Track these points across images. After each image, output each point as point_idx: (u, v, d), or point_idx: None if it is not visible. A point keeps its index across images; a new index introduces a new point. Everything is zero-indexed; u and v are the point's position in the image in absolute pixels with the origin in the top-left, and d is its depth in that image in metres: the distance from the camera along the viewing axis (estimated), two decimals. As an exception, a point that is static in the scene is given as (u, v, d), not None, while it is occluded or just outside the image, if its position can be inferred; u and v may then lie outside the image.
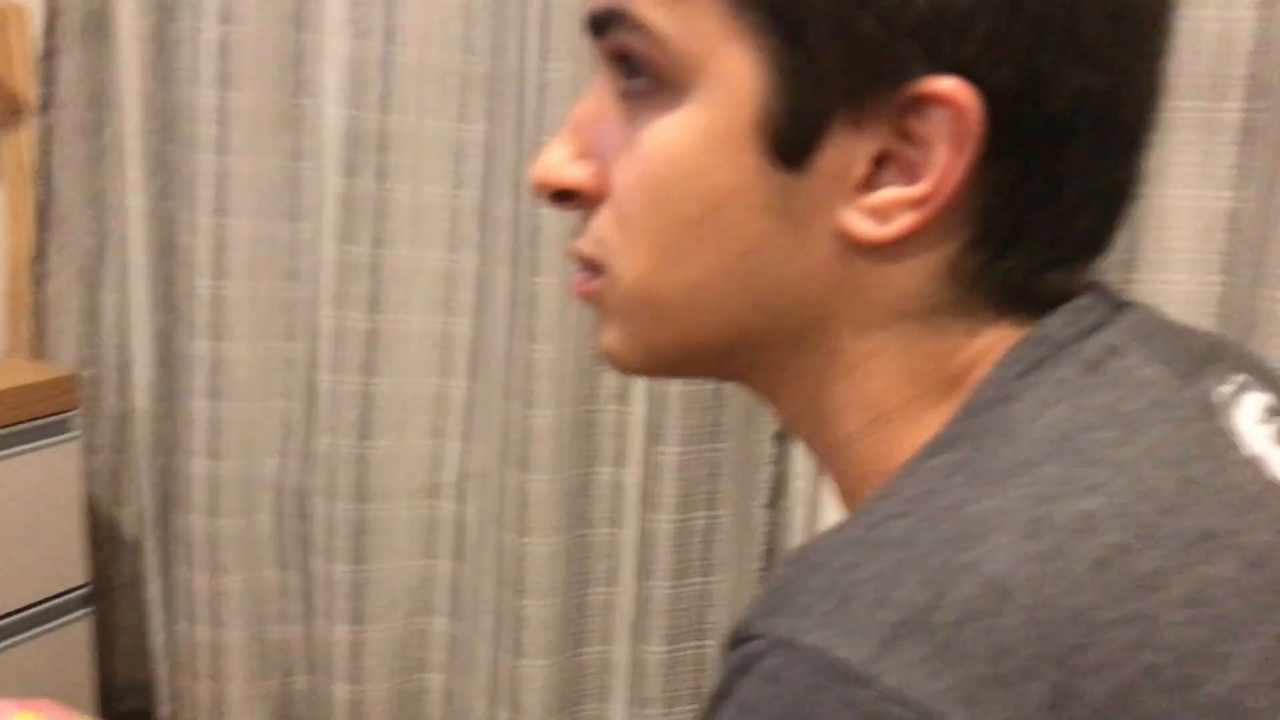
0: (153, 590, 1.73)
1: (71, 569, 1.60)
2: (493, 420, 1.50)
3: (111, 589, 1.77)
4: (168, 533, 1.70)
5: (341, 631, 1.57)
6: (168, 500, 1.70)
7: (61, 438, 1.55)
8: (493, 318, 1.48)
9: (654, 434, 1.46)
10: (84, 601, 1.62)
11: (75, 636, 1.63)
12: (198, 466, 1.63)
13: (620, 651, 1.53)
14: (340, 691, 1.59)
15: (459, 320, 1.53)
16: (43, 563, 1.57)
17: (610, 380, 1.47)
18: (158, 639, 1.75)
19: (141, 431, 1.70)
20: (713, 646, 1.52)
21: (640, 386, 1.46)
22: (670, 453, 1.46)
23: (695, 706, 1.53)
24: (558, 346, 1.43)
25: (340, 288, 1.50)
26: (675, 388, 1.44)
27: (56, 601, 1.59)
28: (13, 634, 1.54)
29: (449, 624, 1.61)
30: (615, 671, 1.55)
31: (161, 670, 1.76)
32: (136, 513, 1.75)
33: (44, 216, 1.69)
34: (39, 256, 1.69)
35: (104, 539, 1.77)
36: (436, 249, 1.51)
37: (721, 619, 1.52)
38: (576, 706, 1.56)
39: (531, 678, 1.52)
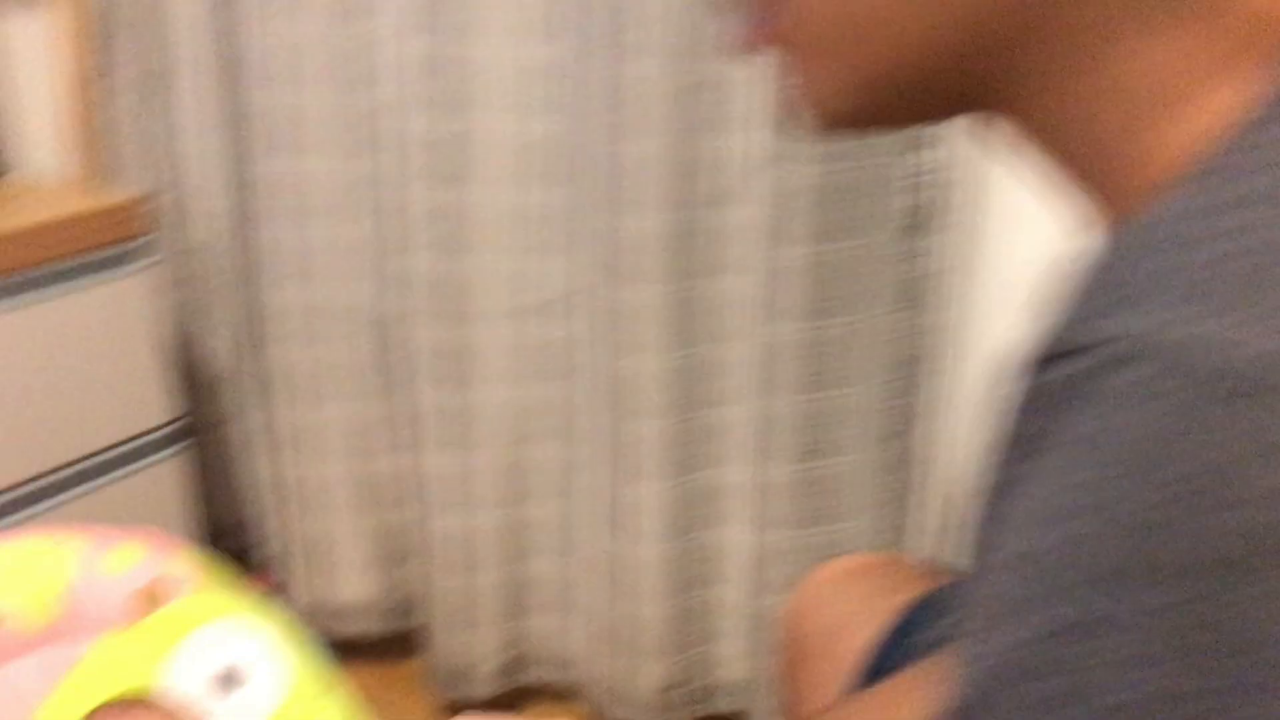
0: (247, 427, 1.66)
1: (158, 405, 1.53)
2: (593, 231, 1.36)
3: (205, 428, 1.71)
4: (260, 366, 1.62)
5: (445, 462, 1.48)
6: (257, 332, 1.61)
7: (135, 266, 1.46)
8: (586, 117, 1.33)
9: (775, 236, 1.31)
10: (173, 439, 1.56)
11: (167, 476, 1.57)
12: (285, 294, 1.53)
13: (742, 473, 1.42)
14: (446, 524, 1.51)
15: (551, 120, 1.38)
16: (128, 399, 1.49)
17: (720, 180, 1.32)
18: (255, 477, 1.69)
19: (222, 261, 1.60)
20: (847, 462, 1.40)
21: (756, 185, 1.30)
22: (795, 255, 1.31)
23: (826, 527, 1.42)
24: (658, 143, 1.28)
25: (423, 88, 1.36)
26: (799, 182, 1.28)
27: (145, 440, 1.52)
28: (102, 474, 1.48)
29: (556, 450, 1.51)
30: (736, 494, 1.44)
31: (260, 508, 1.70)
32: (225, 347, 1.66)
33: (105, 33, 1.57)
34: (100, 75, 1.58)
35: (193, 376, 1.69)
36: (525, 41, 1.36)
37: (855, 435, 1.39)
38: (694, 531, 1.46)
39: (646, 502, 1.42)
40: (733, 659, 1.52)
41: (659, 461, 1.40)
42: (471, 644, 1.57)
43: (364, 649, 1.68)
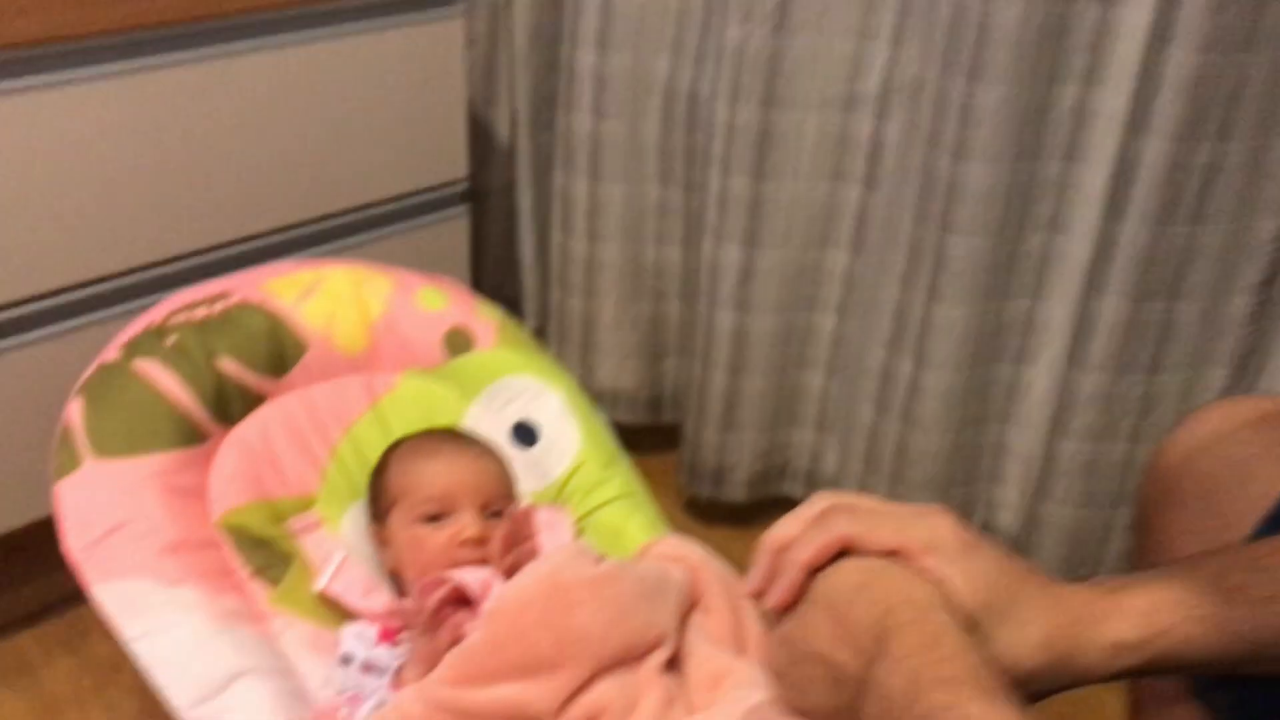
0: (526, 198, 1.62)
1: (447, 162, 1.50)
2: (931, 20, 1.23)
3: (483, 194, 1.68)
4: (546, 136, 1.57)
5: (729, 255, 1.41)
6: (546, 99, 1.55)
7: (440, 12, 1.40)
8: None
9: (1155, 36, 1.15)
10: (457, 199, 1.53)
11: (446, 237, 1.55)
12: (583, 59, 1.45)
13: (1062, 306, 1.30)
14: (722, 320, 1.45)
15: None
16: (419, 151, 1.46)
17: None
18: (527, 250, 1.66)
19: (521, 19, 1.53)
20: (1189, 309, 1.26)
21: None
22: (1177, 61, 1.14)
23: (1149, 376, 1.29)
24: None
25: None
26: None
27: (429, 196, 1.50)
28: (390, 223, 1.46)
29: (850, 258, 1.42)
30: (1049, 329, 1.32)
31: (529, 282, 1.68)
32: (511, 114, 1.62)
33: None
34: None
35: (477, 141, 1.66)
36: None
37: (1205, 278, 1.24)
38: (993, 364, 1.36)
39: (945, 327, 1.32)
40: (1009, 505, 1.43)
41: (966, 284, 1.29)
42: (728, 447, 1.52)
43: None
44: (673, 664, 0.94)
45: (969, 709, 0.54)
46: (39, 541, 1.36)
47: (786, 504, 1.63)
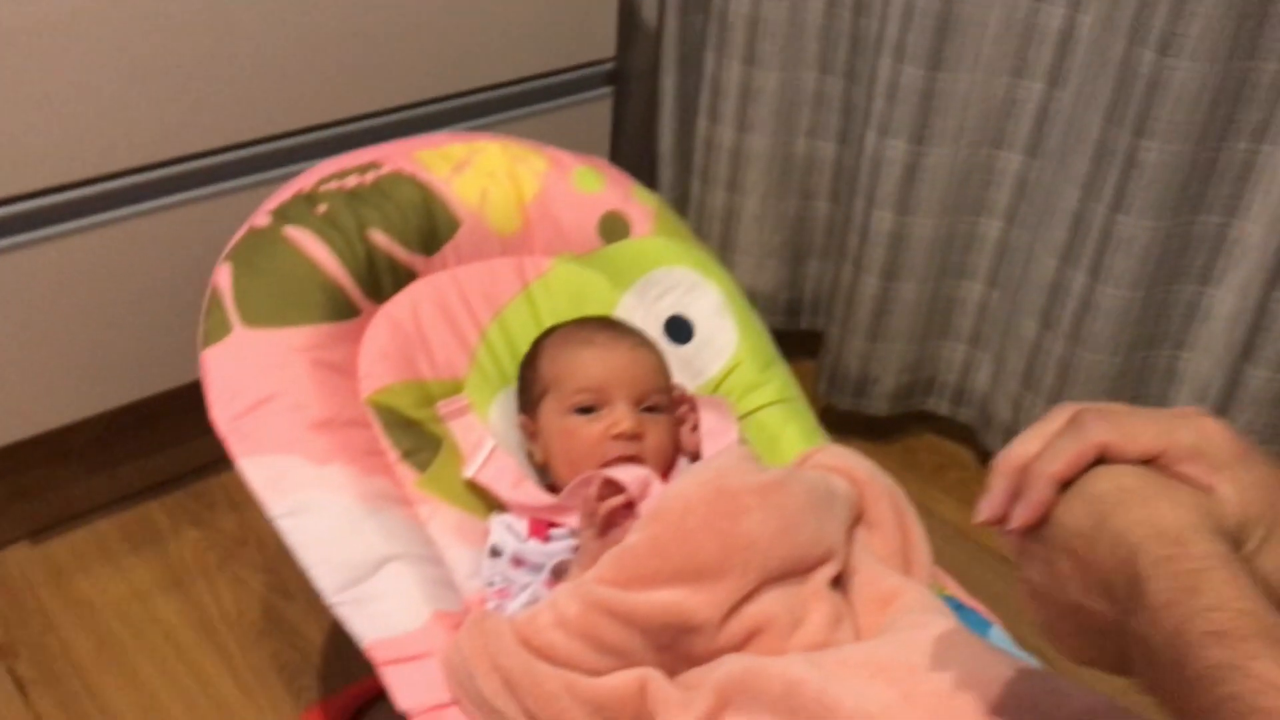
0: (669, 83, 1.53)
1: (596, 40, 1.42)
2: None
3: (625, 78, 1.59)
4: (698, 17, 1.48)
5: (894, 150, 1.31)
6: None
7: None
8: None
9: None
10: (604, 80, 1.45)
11: (593, 119, 1.47)
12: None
13: (1258, 225, 1.18)
14: (879, 220, 1.36)
15: None
16: (572, 28, 1.38)
17: None
18: (667, 138, 1.58)
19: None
20: None
21: None
22: None
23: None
24: None
25: None
26: None
27: (580, 74, 1.42)
28: (532, 102, 1.39)
29: (1025, 160, 1.31)
30: (1243, 247, 1.21)
31: (667, 174, 1.60)
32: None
33: None
34: None
35: (623, 21, 1.57)
36: None
37: None
38: (1175, 283, 1.25)
39: (1127, 240, 1.21)
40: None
41: (1157, 194, 1.18)
42: (874, 357, 1.44)
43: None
44: (836, 581, 0.88)
45: (1255, 669, 0.44)
46: (169, 412, 1.34)
47: (929, 420, 1.57)
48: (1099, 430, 0.54)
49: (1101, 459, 0.54)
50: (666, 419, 0.94)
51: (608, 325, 0.97)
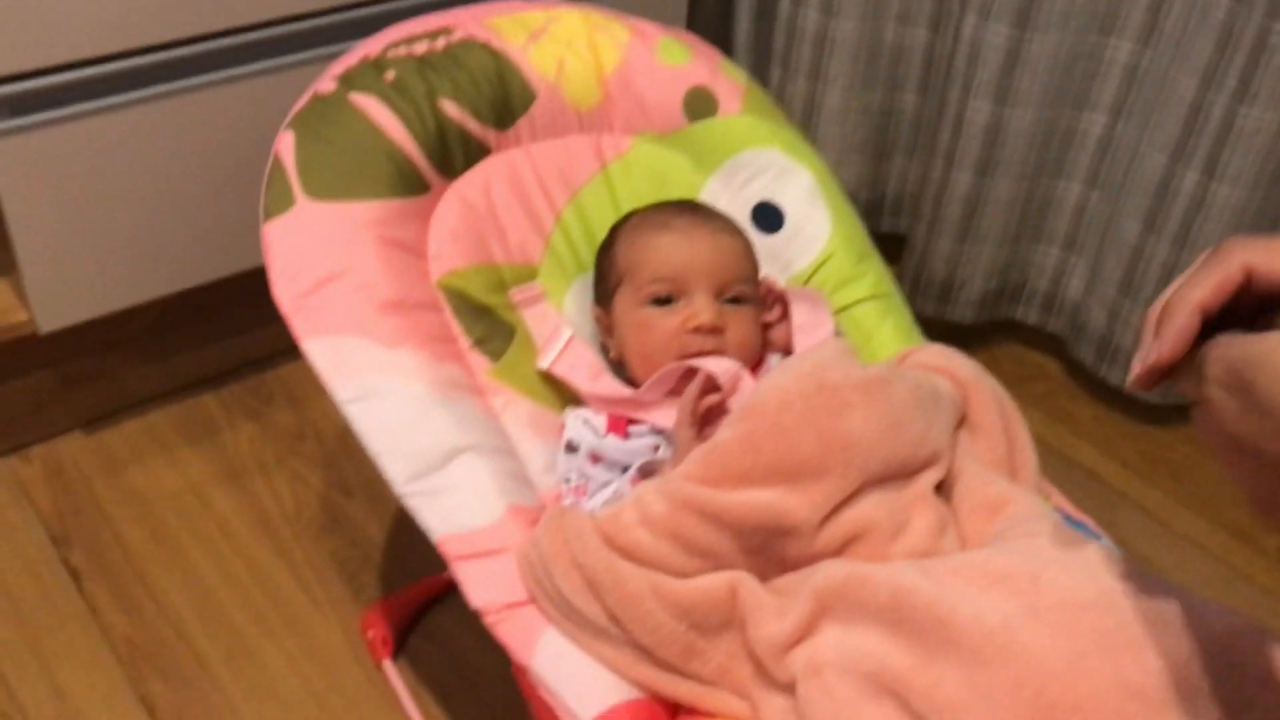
0: (749, -36, 1.44)
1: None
2: None
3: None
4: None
5: (995, 35, 1.21)
6: None
7: None
8: None
9: None
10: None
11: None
12: None
13: None
14: (976, 111, 1.26)
15: None
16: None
17: None
18: (744, 21, 1.49)
19: None
20: None
21: None
22: None
23: None
24: None
25: None
26: None
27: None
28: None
29: (1137, 47, 1.21)
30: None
31: (744, 60, 1.51)
32: None
33: None
34: None
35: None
36: None
37: None
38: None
39: (1250, 134, 1.12)
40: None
41: (1274, 83, 1.09)
42: (962, 259, 1.36)
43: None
44: (939, 487, 0.82)
45: None
46: (226, 301, 1.29)
47: (1015, 329, 1.49)
48: (1242, 252, 0.49)
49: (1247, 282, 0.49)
50: (751, 311, 0.87)
51: (689, 209, 0.90)
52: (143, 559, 1.12)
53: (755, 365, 0.87)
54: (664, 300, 0.85)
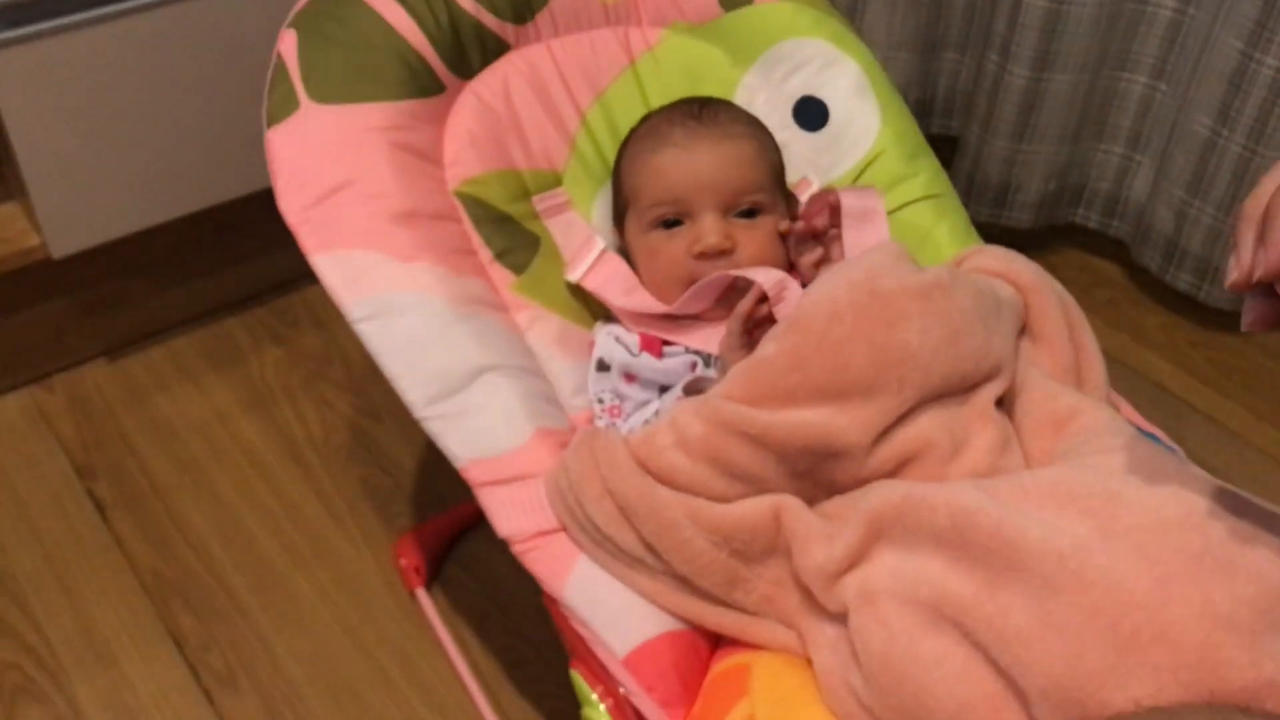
0: None
1: None
2: None
3: None
4: None
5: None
6: None
7: None
8: None
9: None
10: None
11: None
12: None
13: None
14: (1022, 8, 1.18)
15: None
16: None
17: None
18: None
19: None
20: None
21: None
22: None
23: None
24: None
25: None
26: None
27: None
28: None
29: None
30: None
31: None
32: None
33: None
34: None
35: None
36: None
37: None
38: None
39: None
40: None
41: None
42: (1018, 161, 1.28)
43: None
44: (1000, 401, 0.76)
45: None
46: (247, 221, 1.25)
47: (1075, 234, 1.41)
48: None
49: None
50: (768, 223, 0.80)
51: (691, 114, 0.82)
52: (169, 489, 1.09)
53: (807, 274, 0.80)
54: (671, 222, 0.79)
